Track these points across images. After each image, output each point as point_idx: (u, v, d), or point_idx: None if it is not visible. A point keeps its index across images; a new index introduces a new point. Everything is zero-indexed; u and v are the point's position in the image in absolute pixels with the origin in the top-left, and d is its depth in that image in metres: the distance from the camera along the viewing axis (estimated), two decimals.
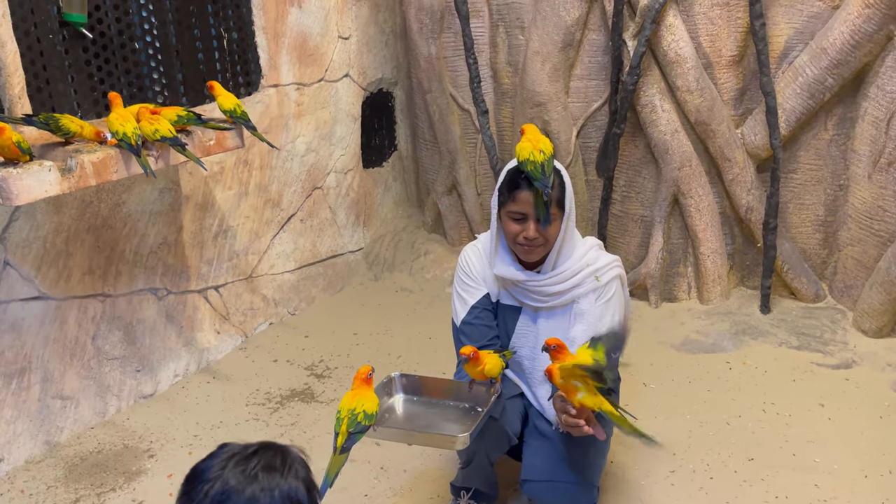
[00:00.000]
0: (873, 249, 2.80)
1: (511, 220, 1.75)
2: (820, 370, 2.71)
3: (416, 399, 1.84)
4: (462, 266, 1.93)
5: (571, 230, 1.80)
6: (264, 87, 3.06)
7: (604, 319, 1.79)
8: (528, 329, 1.87)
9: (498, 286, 1.90)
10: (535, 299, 1.83)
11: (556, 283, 1.79)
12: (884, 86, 2.64)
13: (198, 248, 2.91)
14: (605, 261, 1.81)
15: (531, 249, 1.75)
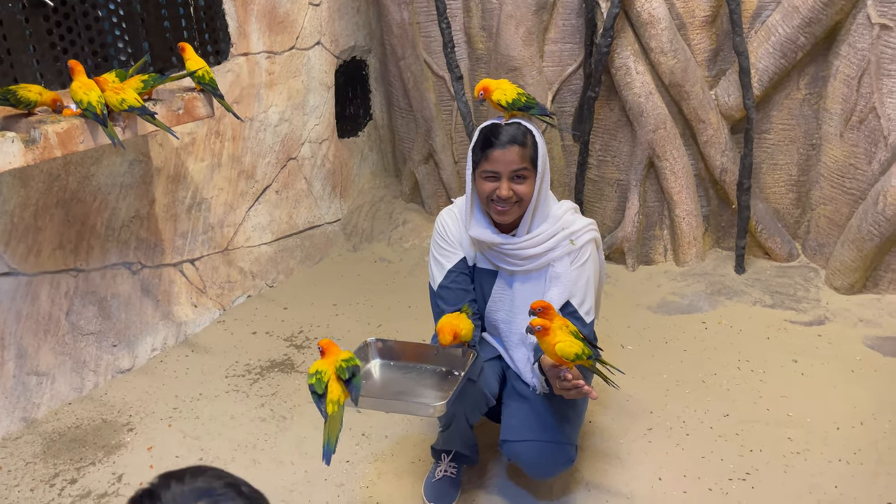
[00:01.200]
0: (845, 207, 2.84)
1: (484, 179, 1.75)
2: (793, 327, 2.75)
3: (393, 364, 1.84)
4: (438, 230, 1.93)
5: (545, 192, 1.79)
6: (234, 55, 3.00)
7: (578, 283, 1.79)
8: (504, 293, 1.87)
9: (475, 250, 1.90)
10: (510, 263, 1.83)
11: (531, 247, 1.79)
12: (855, 43, 2.65)
13: (171, 221, 2.88)
14: (580, 224, 1.82)
15: (505, 209, 1.75)
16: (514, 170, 1.71)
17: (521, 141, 1.71)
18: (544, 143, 1.77)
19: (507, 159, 1.71)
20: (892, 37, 2.52)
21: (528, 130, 1.74)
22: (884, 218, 2.61)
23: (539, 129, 1.78)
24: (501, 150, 1.71)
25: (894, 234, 2.64)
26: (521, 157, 1.71)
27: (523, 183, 1.73)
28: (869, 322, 2.69)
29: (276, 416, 2.43)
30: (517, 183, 1.73)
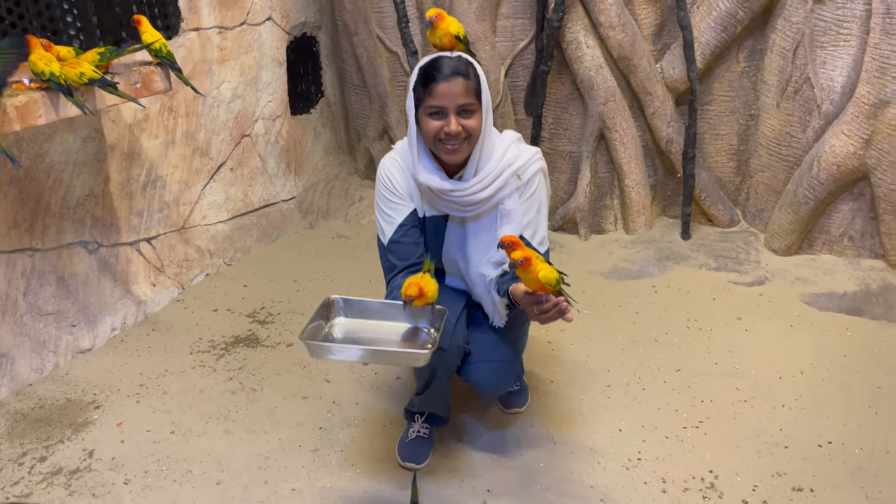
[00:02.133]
0: (782, 174, 3.01)
1: (430, 117, 1.68)
2: (736, 288, 2.91)
3: (358, 321, 1.77)
4: (383, 182, 1.86)
5: (489, 127, 1.75)
6: (185, 30, 2.96)
7: (528, 215, 1.79)
8: (457, 237, 1.85)
9: (423, 200, 1.85)
10: (460, 210, 1.80)
11: (479, 191, 1.75)
12: (790, 17, 2.80)
13: (126, 199, 2.84)
14: (525, 156, 1.78)
15: (455, 147, 1.69)
16: (460, 104, 1.65)
17: (464, 73, 1.65)
18: (485, 78, 1.72)
19: (452, 92, 1.64)
20: (824, 10, 2.68)
21: (469, 62, 1.69)
22: (818, 182, 2.79)
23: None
24: (446, 83, 1.64)
25: (828, 197, 2.82)
26: (467, 91, 1.66)
27: (471, 117, 1.67)
28: (805, 280, 2.88)
29: (246, 389, 2.45)
30: (465, 118, 1.67)
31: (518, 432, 2.18)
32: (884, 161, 2.64)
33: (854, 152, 2.67)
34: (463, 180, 1.76)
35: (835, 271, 2.87)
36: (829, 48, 2.70)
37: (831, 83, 2.72)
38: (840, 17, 2.64)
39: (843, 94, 2.71)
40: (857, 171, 2.72)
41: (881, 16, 2.50)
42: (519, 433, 2.18)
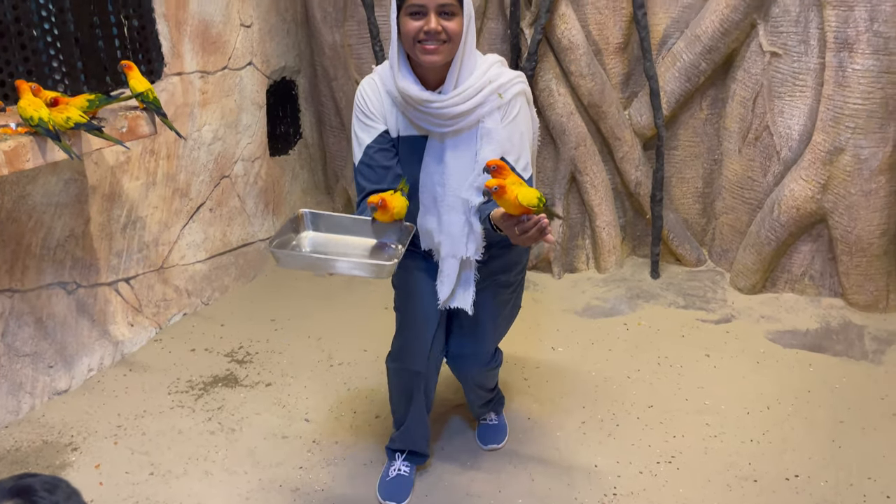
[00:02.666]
0: (745, 216, 3.14)
1: (410, 17, 1.64)
2: (704, 325, 3.02)
3: (326, 235, 1.74)
4: (358, 103, 1.82)
5: (471, 43, 1.71)
6: (167, 75, 3.02)
7: (512, 139, 1.74)
8: (436, 156, 1.79)
9: (397, 118, 1.80)
10: (439, 124, 1.75)
11: (459, 103, 1.70)
12: (749, 69, 2.96)
13: (106, 239, 2.86)
14: (507, 76, 1.74)
15: (434, 48, 1.65)
16: (440, 4, 1.62)
17: None
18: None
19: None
20: (781, 63, 2.84)
21: None
22: (779, 224, 2.92)
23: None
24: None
25: (788, 238, 2.95)
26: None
27: (451, 20, 1.64)
28: (769, 318, 2.99)
29: (225, 429, 2.46)
30: (445, 19, 1.63)
31: (496, 469, 2.23)
32: (840, 205, 2.79)
33: (812, 196, 2.82)
34: (442, 93, 1.73)
35: (797, 309, 2.99)
36: (786, 98, 2.85)
37: (789, 131, 2.88)
38: (796, 69, 2.80)
39: (800, 142, 2.86)
40: (816, 213, 2.86)
41: (834, 69, 2.66)
42: (497, 470, 2.22)
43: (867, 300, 2.88)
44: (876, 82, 2.60)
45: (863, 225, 2.76)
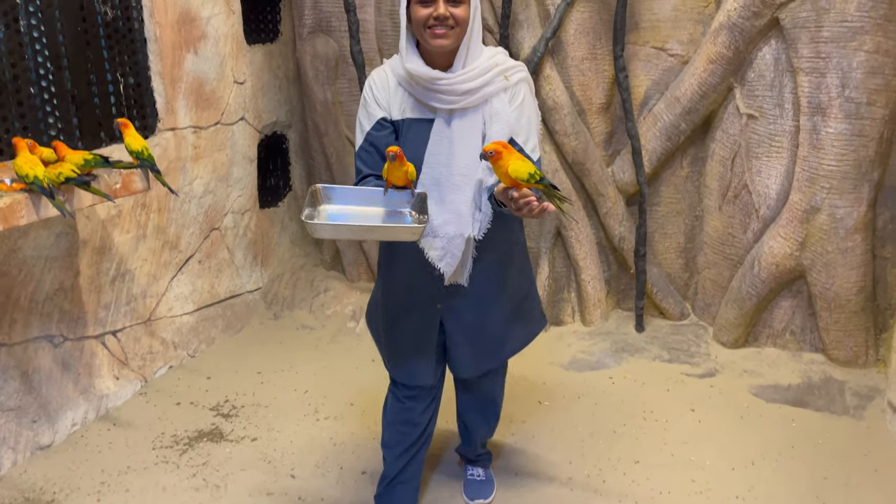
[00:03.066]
0: (726, 271, 3.21)
1: (419, 5, 1.74)
2: (689, 379, 3.05)
3: (343, 207, 1.81)
4: (364, 91, 1.91)
5: (478, 32, 1.81)
6: (161, 130, 3.08)
7: (521, 121, 1.83)
8: (443, 134, 1.84)
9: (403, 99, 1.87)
10: (446, 101, 1.81)
11: (466, 81, 1.79)
12: (727, 129, 3.07)
13: (95, 292, 2.87)
14: (512, 62, 1.86)
15: (443, 33, 1.74)
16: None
17: None
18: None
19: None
20: (757, 125, 2.95)
21: None
22: (759, 280, 2.99)
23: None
24: None
25: (769, 294, 3.01)
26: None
27: (458, 6, 1.74)
28: (752, 373, 3.03)
29: (210, 486, 2.44)
30: (453, 6, 1.73)
31: None
32: (818, 262, 2.86)
33: (791, 253, 2.89)
34: (450, 73, 1.81)
35: (779, 364, 3.03)
36: (763, 158, 2.95)
37: (767, 190, 2.97)
38: (772, 131, 2.91)
39: (778, 200, 2.95)
40: (795, 270, 2.93)
41: (808, 132, 2.77)
42: None
43: (847, 356, 2.93)
44: (849, 145, 2.70)
45: (840, 282, 2.83)
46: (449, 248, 1.85)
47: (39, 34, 2.55)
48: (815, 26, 2.65)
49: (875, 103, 2.66)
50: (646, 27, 3.14)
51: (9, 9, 2.44)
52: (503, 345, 2.08)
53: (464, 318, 1.98)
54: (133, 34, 2.93)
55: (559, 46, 3.13)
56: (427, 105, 1.84)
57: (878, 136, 2.69)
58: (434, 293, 1.95)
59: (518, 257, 2.07)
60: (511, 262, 2.04)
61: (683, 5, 3.07)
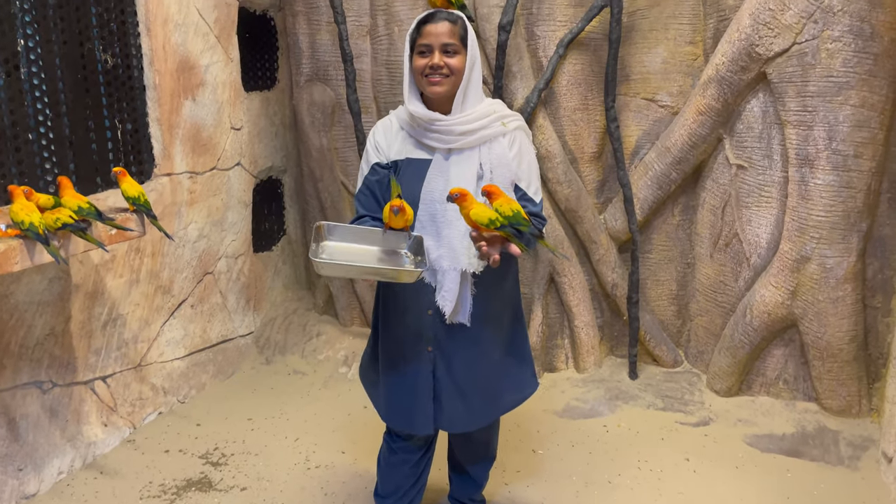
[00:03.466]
0: (719, 319, 3.22)
1: (418, 55, 1.90)
2: (683, 428, 3.03)
3: (343, 244, 1.91)
4: (369, 139, 2.04)
5: (476, 81, 1.94)
6: (157, 175, 3.10)
7: (522, 167, 1.95)
8: (440, 170, 1.93)
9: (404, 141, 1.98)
10: (444, 140, 1.93)
11: (464, 123, 1.91)
12: (717, 179, 3.11)
13: (86, 337, 2.85)
14: (509, 111, 2.00)
15: (438, 80, 1.88)
16: (444, 43, 1.87)
17: (452, 19, 1.90)
18: (474, 34, 1.95)
19: (437, 32, 1.87)
20: (747, 175, 2.99)
21: (459, 16, 1.93)
22: (752, 328, 3.00)
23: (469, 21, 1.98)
24: (433, 24, 1.89)
25: (762, 342, 3.02)
26: (451, 33, 1.88)
27: (453, 57, 1.88)
28: (747, 422, 3.02)
29: None
30: (448, 56, 1.88)
31: None
32: (809, 311, 2.88)
33: (782, 302, 2.91)
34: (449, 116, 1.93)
35: (773, 413, 3.03)
36: (753, 208, 2.99)
37: (757, 239, 3.00)
38: (761, 181, 2.95)
39: (768, 249, 2.98)
40: (787, 319, 2.94)
41: (797, 183, 2.81)
42: None
43: (840, 405, 2.93)
44: (837, 196, 2.74)
45: (832, 331, 2.85)
46: (443, 282, 1.91)
47: (40, 81, 2.59)
48: (801, 81, 2.72)
49: (862, 156, 2.71)
50: (636, 79, 3.21)
51: (10, 56, 2.47)
52: (495, 402, 2.09)
53: (455, 364, 2.00)
54: (132, 81, 2.97)
55: (552, 97, 3.19)
56: (426, 145, 1.95)
57: (866, 188, 2.74)
58: (428, 335, 1.99)
59: (510, 310, 2.11)
60: (504, 313, 2.08)
61: (673, 58, 3.14)
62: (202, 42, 3.23)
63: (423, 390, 2.02)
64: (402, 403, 2.05)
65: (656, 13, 3.11)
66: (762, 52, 2.75)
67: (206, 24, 3.24)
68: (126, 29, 2.91)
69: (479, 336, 2.00)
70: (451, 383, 2.01)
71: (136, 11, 2.93)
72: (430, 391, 2.02)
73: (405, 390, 2.03)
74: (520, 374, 2.16)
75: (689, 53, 3.13)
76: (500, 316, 2.06)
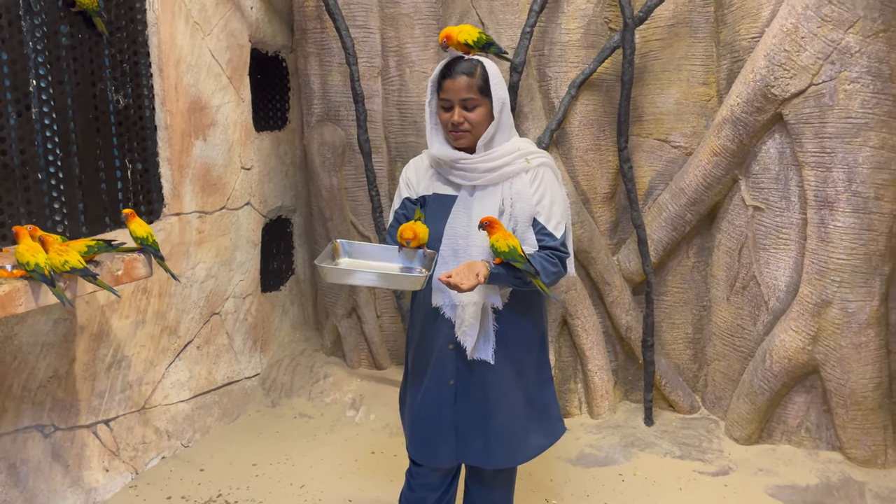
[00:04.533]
0: (737, 363, 3.14)
1: (443, 109, 1.97)
2: (702, 478, 2.93)
3: (359, 261, 2.02)
4: (402, 173, 2.14)
5: (506, 123, 1.99)
6: (166, 215, 3.08)
7: (543, 202, 1.96)
8: (464, 206, 1.99)
9: (432, 178, 2.06)
10: (468, 178, 1.98)
11: (486, 161, 1.96)
12: (733, 220, 3.06)
13: (90, 380, 2.79)
14: (534, 148, 2.03)
15: (459, 135, 1.97)
16: (462, 98, 1.93)
17: (469, 72, 1.93)
18: (499, 73, 1.97)
19: (455, 88, 1.93)
20: (764, 216, 2.94)
21: (479, 63, 1.96)
22: (772, 374, 2.91)
23: (495, 63, 2.00)
24: (451, 80, 1.94)
25: (782, 388, 2.93)
26: (469, 87, 1.92)
27: (473, 111, 1.94)
28: (768, 471, 2.91)
29: None
30: (468, 111, 1.94)
31: None
32: (831, 357, 2.80)
33: (803, 347, 2.83)
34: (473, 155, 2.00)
35: (795, 462, 2.92)
36: (770, 250, 2.93)
37: (776, 282, 2.93)
38: (779, 223, 2.90)
39: (787, 292, 2.91)
40: (808, 364, 2.86)
41: (816, 225, 2.76)
42: None
43: (866, 455, 2.83)
44: (858, 239, 2.68)
45: (856, 378, 2.76)
46: (464, 317, 1.94)
47: (51, 121, 2.58)
48: (819, 122, 2.68)
49: (882, 198, 2.66)
50: (649, 119, 3.18)
51: (21, 96, 2.47)
52: (520, 442, 2.07)
53: (476, 397, 2.01)
54: (144, 122, 2.97)
55: (564, 138, 3.16)
56: (452, 182, 2.03)
57: (888, 231, 2.68)
58: (451, 369, 2.01)
59: (535, 350, 2.10)
60: (528, 352, 2.07)
61: (686, 99, 3.12)
62: (214, 83, 3.24)
63: (444, 422, 2.03)
64: (425, 434, 2.06)
65: (668, 54, 3.10)
66: (778, 93, 2.72)
67: (219, 64, 3.26)
68: (139, 70, 2.92)
69: (500, 373, 2.00)
70: (473, 417, 2.02)
71: (149, 53, 2.94)
72: (451, 423, 2.03)
73: (428, 422, 2.05)
74: (546, 418, 2.14)
75: (702, 94, 3.11)
76: (524, 355, 2.06)
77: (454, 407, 2.03)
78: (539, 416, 2.11)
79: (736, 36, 2.91)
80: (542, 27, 3.09)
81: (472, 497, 2.24)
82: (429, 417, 2.05)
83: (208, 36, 3.18)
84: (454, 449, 2.04)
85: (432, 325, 2.02)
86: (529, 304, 2.04)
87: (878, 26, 2.53)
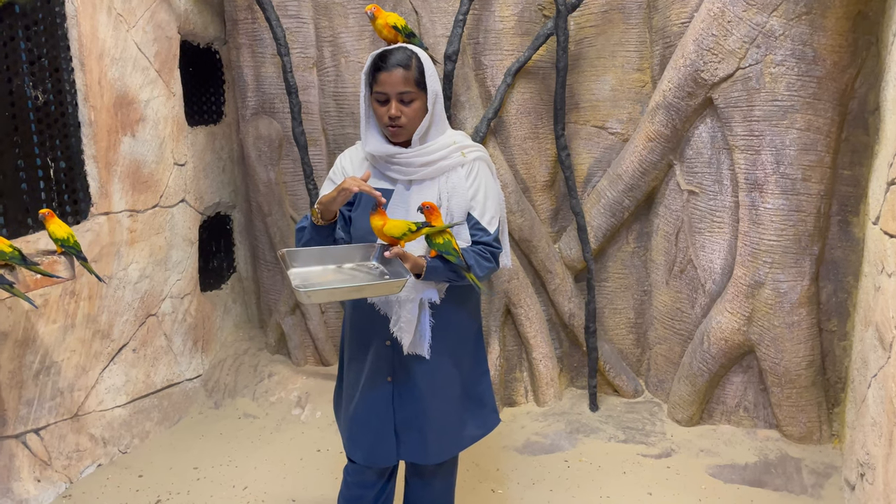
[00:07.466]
0: (678, 346, 3.18)
1: (378, 103, 1.90)
2: (645, 461, 2.96)
3: (309, 269, 1.87)
4: (337, 161, 2.06)
5: (439, 116, 1.95)
6: (94, 214, 2.97)
7: (477, 197, 1.94)
8: (401, 200, 1.95)
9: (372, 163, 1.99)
10: (404, 172, 1.95)
11: (423, 155, 1.92)
12: (670, 205, 3.09)
13: (16, 388, 2.68)
14: (470, 142, 2.00)
15: (396, 130, 1.91)
16: (399, 92, 1.87)
17: (405, 64, 1.87)
18: (432, 65, 1.93)
19: (392, 81, 1.86)
20: (698, 200, 2.98)
21: (413, 54, 1.90)
22: (710, 356, 2.96)
23: (426, 54, 1.95)
24: (387, 73, 1.87)
25: (720, 369, 2.98)
26: (405, 80, 1.87)
27: (410, 105, 1.89)
28: (709, 452, 2.96)
29: None
30: (405, 105, 1.88)
31: None
32: (766, 337, 2.85)
33: (738, 328, 2.87)
34: (408, 149, 1.95)
35: (735, 442, 2.97)
36: (706, 234, 2.97)
37: (711, 265, 2.97)
38: (712, 207, 2.93)
39: (723, 275, 2.95)
40: (744, 345, 2.91)
41: (747, 208, 2.80)
42: None
43: (801, 432, 2.89)
44: (787, 220, 2.73)
45: (789, 357, 2.82)
46: (401, 313, 1.91)
47: None
48: (746, 105, 2.72)
49: (810, 179, 2.71)
50: (585, 107, 3.19)
51: None
52: (455, 436, 2.06)
53: (413, 395, 1.99)
54: (66, 118, 2.85)
55: (501, 126, 3.15)
56: (388, 177, 1.97)
57: (816, 211, 2.74)
58: (387, 366, 1.99)
59: (470, 343, 2.09)
60: (464, 345, 2.06)
61: (621, 86, 3.13)
62: (141, 76, 3.13)
63: (383, 421, 2.00)
64: (363, 434, 2.03)
65: (603, 41, 3.11)
66: (707, 77, 2.75)
67: (146, 58, 3.15)
68: (58, 64, 2.80)
69: (437, 368, 1.99)
70: (410, 414, 2.00)
71: (69, 46, 2.83)
72: (390, 422, 2.00)
73: (366, 421, 2.02)
74: (481, 408, 2.13)
75: (637, 80, 3.13)
76: (460, 348, 2.05)
77: (391, 405, 2.00)
78: (474, 406, 2.10)
79: (667, 21, 2.93)
80: (476, 15, 3.06)
81: (412, 491, 2.22)
82: (367, 417, 2.02)
83: (133, 28, 3.07)
84: (394, 447, 2.02)
85: (368, 323, 1.99)
86: (465, 297, 2.03)
87: (800, 9, 2.57)
